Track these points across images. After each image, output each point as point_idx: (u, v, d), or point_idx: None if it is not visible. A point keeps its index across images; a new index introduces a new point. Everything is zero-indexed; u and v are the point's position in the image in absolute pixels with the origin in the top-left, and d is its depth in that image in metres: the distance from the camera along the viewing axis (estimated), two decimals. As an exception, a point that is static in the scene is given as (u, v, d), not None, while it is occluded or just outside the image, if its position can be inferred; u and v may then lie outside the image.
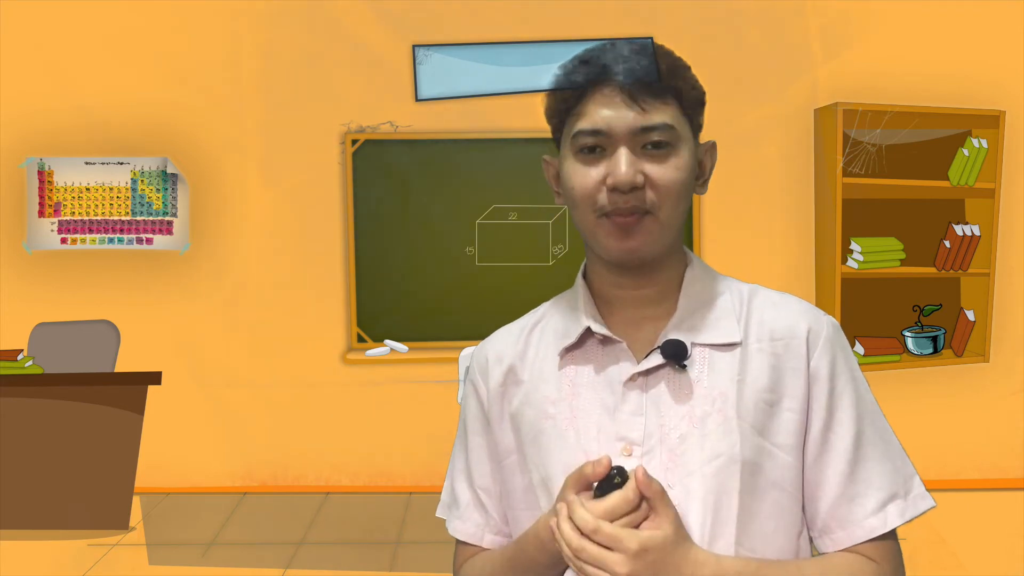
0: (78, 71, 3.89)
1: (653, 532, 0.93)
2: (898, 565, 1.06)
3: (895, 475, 1.05)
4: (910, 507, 1.04)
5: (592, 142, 1.03)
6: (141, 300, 3.94)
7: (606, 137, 1.02)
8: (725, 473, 1.00)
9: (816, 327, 1.06)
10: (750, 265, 3.79)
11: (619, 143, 1.02)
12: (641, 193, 1.02)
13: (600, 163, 1.03)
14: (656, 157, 1.02)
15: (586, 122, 1.03)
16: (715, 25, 3.85)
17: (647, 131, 1.02)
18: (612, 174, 1.01)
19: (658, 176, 1.02)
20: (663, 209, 1.03)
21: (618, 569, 0.92)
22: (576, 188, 1.04)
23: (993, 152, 3.77)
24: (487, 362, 1.16)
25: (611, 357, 1.07)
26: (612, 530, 0.93)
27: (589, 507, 0.94)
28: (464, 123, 3.90)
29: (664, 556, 0.93)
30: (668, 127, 1.02)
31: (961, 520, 3.34)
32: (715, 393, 1.02)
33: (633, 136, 1.02)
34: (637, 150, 1.02)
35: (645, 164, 1.02)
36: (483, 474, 1.16)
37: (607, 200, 1.02)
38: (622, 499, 0.94)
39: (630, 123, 1.02)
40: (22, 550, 3.34)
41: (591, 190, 1.03)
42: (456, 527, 1.18)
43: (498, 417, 1.13)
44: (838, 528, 1.04)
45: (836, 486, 1.03)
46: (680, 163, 1.03)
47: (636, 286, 1.08)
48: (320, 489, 4.04)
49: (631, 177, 1.01)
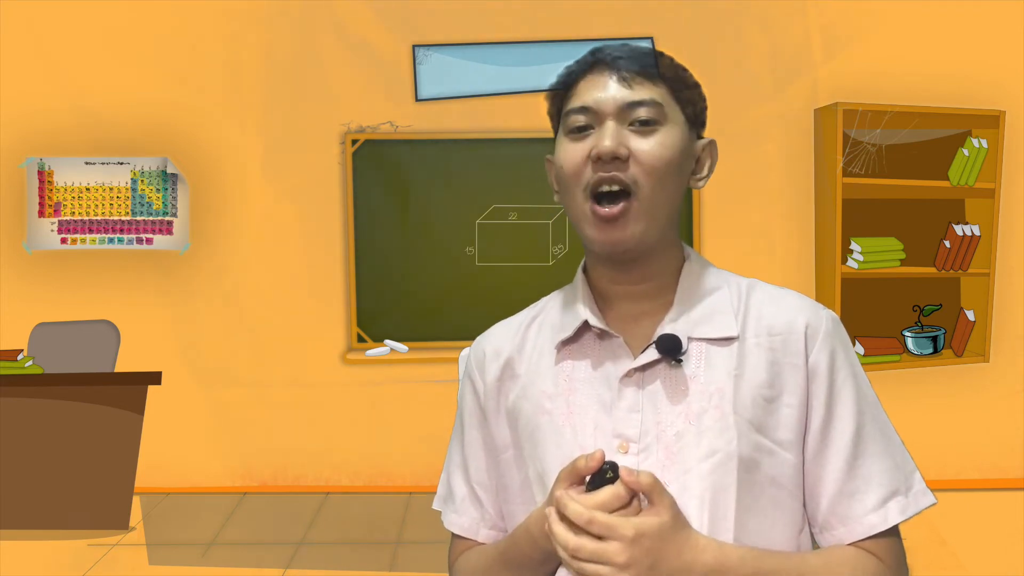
0: (78, 71, 3.89)
1: (649, 518, 0.93)
2: (900, 562, 1.05)
3: (896, 471, 1.04)
4: (911, 504, 1.04)
5: (582, 120, 1.05)
6: (141, 300, 3.93)
7: (594, 114, 1.04)
8: (722, 470, 0.99)
9: (815, 322, 1.06)
10: (750, 265, 3.77)
11: (606, 118, 1.04)
12: (624, 165, 1.02)
13: (587, 139, 1.05)
14: (642, 132, 1.04)
15: (576, 100, 1.06)
16: (715, 25, 3.85)
17: (633, 107, 1.03)
18: (596, 145, 1.03)
19: (642, 150, 1.03)
20: (644, 187, 1.02)
21: (616, 558, 0.91)
22: (565, 166, 1.06)
23: (993, 152, 3.77)
24: (484, 356, 1.16)
25: (608, 352, 1.07)
26: (606, 519, 0.92)
27: (581, 500, 0.94)
28: (464, 123, 3.90)
29: (662, 542, 0.92)
30: (655, 103, 1.04)
31: (961, 520, 3.34)
32: (712, 389, 1.02)
33: (620, 111, 1.04)
34: (624, 126, 1.03)
35: (630, 138, 1.03)
36: (479, 468, 1.16)
37: (592, 173, 1.03)
38: (613, 494, 0.93)
39: (618, 99, 1.04)
40: (22, 550, 3.34)
41: (578, 166, 1.04)
42: (452, 521, 1.18)
43: (495, 411, 1.13)
44: (839, 524, 1.03)
45: (836, 482, 1.03)
46: (666, 141, 1.04)
47: (632, 281, 1.08)
48: (320, 489, 4.04)
49: (614, 146, 1.01)
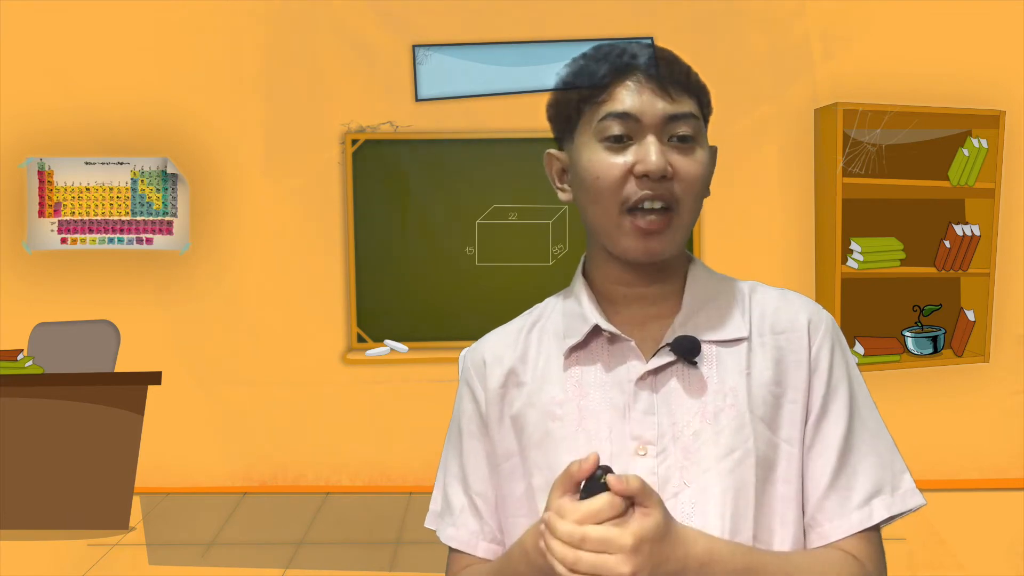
0: (78, 71, 3.89)
1: (643, 521, 0.89)
2: (881, 566, 1.04)
3: (883, 469, 1.04)
4: (897, 502, 1.03)
5: (620, 129, 1.01)
6: (141, 300, 3.93)
7: (635, 123, 1.01)
8: (741, 468, 0.99)
9: (816, 319, 1.07)
10: (750, 265, 3.79)
11: (647, 131, 1.01)
12: (669, 184, 1.01)
13: (627, 151, 1.02)
14: (682, 150, 1.02)
15: (614, 105, 1.02)
16: (715, 25, 3.85)
17: (675, 120, 1.02)
18: (643, 161, 1.00)
19: (684, 169, 1.02)
20: (684, 205, 1.02)
21: (621, 570, 0.88)
22: (601, 178, 1.02)
23: (993, 152, 3.77)
24: (484, 363, 1.13)
25: (618, 356, 1.06)
26: (600, 533, 0.88)
27: (573, 510, 0.89)
28: (464, 123, 3.90)
29: (660, 543, 0.90)
30: (694, 118, 1.03)
31: (961, 520, 3.34)
32: (726, 388, 1.02)
33: (662, 125, 1.01)
34: (663, 141, 1.02)
35: (672, 155, 1.02)
36: (480, 478, 1.12)
37: (635, 189, 1.01)
38: (608, 503, 0.89)
39: (660, 111, 1.01)
40: (22, 550, 3.34)
41: (618, 180, 1.01)
42: (449, 534, 1.14)
43: (497, 420, 1.11)
44: (825, 521, 1.03)
45: (826, 476, 1.03)
46: (702, 159, 1.04)
47: (645, 284, 1.08)
48: (320, 489, 4.04)
49: (663, 164, 1.00)
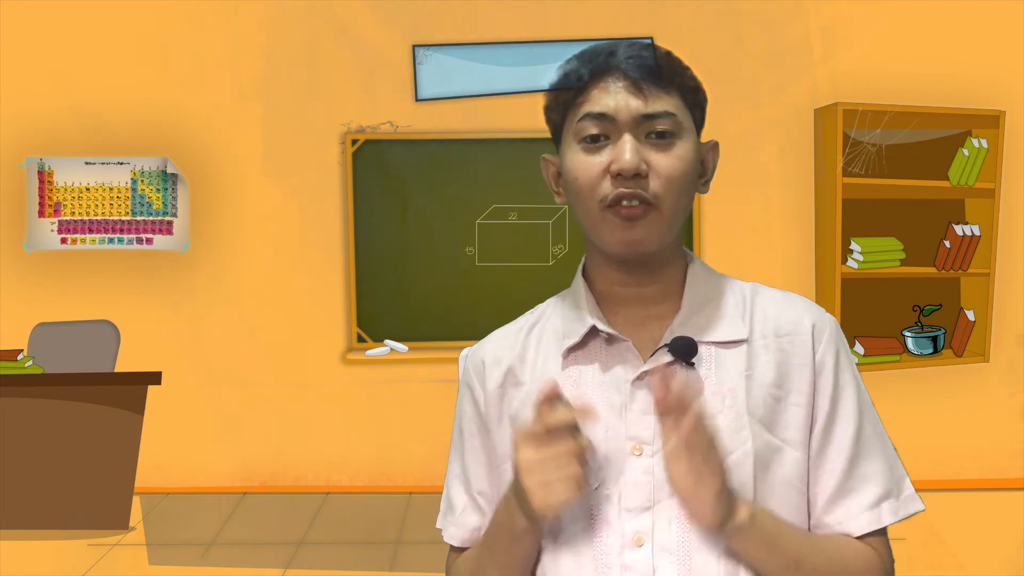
0: (78, 71, 3.89)
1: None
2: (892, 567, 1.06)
3: (890, 474, 1.06)
4: (902, 507, 1.05)
5: (596, 129, 1.03)
6: (141, 300, 3.93)
7: (611, 123, 1.02)
8: (739, 469, 1.00)
9: (820, 322, 1.07)
10: (750, 265, 3.79)
11: (623, 130, 1.02)
12: (644, 182, 1.01)
13: (603, 151, 1.03)
14: (659, 146, 1.03)
15: (591, 107, 1.03)
16: (715, 25, 3.85)
17: (651, 119, 1.02)
18: (616, 160, 1.01)
19: (661, 165, 1.02)
20: (665, 200, 1.02)
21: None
22: (579, 178, 1.04)
23: (993, 152, 3.77)
24: (484, 364, 1.14)
25: (616, 356, 1.06)
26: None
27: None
28: (464, 123, 3.90)
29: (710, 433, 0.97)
30: (671, 115, 1.03)
31: (961, 520, 3.34)
32: (724, 389, 1.02)
33: (637, 123, 1.02)
34: (641, 139, 1.02)
35: (649, 152, 1.02)
36: (480, 477, 1.14)
37: (611, 188, 1.02)
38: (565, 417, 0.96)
39: (634, 110, 1.02)
40: (22, 550, 3.34)
41: (594, 179, 1.03)
42: (452, 534, 1.15)
43: (496, 420, 1.12)
44: (834, 523, 1.04)
45: (835, 479, 1.04)
46: (683, 154, 1.03)
47: (640, 284, 1.08)
48: (320, 489, 4.04)
49: (635, 162, 1.00)
